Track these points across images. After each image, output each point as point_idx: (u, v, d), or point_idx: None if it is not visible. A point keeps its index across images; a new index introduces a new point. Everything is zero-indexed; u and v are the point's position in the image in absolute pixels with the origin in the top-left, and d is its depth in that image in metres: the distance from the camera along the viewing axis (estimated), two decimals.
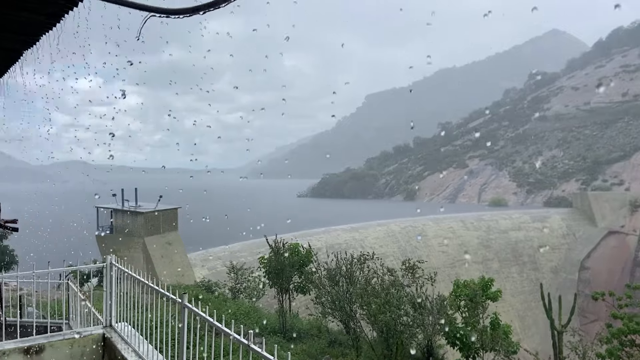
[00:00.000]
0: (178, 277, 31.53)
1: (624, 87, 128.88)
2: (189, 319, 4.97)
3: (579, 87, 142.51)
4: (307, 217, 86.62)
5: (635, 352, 19.30)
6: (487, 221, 70.22)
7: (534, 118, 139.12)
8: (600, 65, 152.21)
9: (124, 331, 6.43)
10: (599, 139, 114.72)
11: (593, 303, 41.31)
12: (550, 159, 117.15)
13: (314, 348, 16.82)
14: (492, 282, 20.46)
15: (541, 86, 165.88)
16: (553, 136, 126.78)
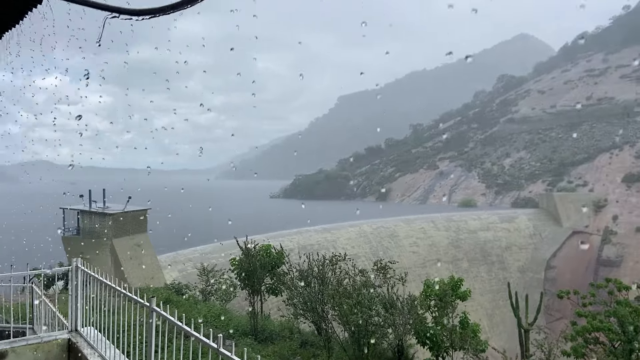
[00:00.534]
0: (147, 279, 30.97)
1: (588, 91, 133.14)
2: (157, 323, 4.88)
3: (545, 90, 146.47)
4: (279, 218, 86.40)
5: (599, 350, 19.92)
6: (457, 222, 71.41)
7: (502, 120, 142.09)
8: (565, 69, 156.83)
9: (90, 336, 6.28)
10: (564, 142, 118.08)
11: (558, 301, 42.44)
12: (517, 161, 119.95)
13: (285, 349, 16.79)
14: (462, 281, 20.81)
15: (509, 89, 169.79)
16: (520, 138, 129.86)
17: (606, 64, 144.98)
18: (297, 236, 51.45)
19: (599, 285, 22.69)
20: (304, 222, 60.44)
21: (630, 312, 20.06)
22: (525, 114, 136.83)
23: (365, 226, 61.08)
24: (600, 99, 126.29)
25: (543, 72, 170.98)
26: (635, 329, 19.61)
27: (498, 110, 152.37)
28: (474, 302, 56.51)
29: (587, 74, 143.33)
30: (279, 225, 59.20)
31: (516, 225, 76.99)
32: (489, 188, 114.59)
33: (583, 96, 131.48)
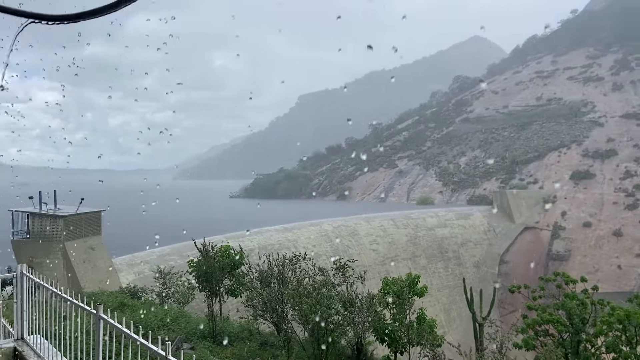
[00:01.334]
0: (102, 283, 30.07)
1: (538, 91, 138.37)
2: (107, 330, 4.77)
3: (498, 91, 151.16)
4: (239, 218, 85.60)
5: (548, 341, 20.75)
6: (415, 219, 72.74)
7: (458, 120, 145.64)
8: (517, 70, 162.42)
9: (37, 344, 6.06)
10: (516, 140, 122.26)
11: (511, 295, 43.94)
12: (472, 159, 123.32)
13: (244, 351, 16.69)
14: (419, 278, 21.25)
15: (464, 90, 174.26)
16: (475, 137, 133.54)
17: (555, 66, 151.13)
18: (257, 236, 51.13)
19: (548, 279, 23.65)
20: (264, 222, 60.13)
21: (577, 304, 20.99)
22: (480, 114, 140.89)
23: (326, 225, 61.32)
24: (550, 99, 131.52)
25: (496, 73, 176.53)
26: (582, 320, 20.55)
27: (454, 110, 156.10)
28: (431, 298, 57.75)
29: (537, 75, 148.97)
30: (239, 225, 58.64)
31: (471, 222, 79.14)
32: (446, 186, 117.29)
33: (533, 97, 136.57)
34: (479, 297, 25.61)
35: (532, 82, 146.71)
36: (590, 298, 21.31)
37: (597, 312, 21.16)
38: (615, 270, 71.15)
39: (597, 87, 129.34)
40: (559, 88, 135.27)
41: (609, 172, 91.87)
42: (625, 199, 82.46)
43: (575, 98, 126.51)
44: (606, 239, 76.34)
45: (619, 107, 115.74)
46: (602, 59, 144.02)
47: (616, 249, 74.22)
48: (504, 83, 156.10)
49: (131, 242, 45.62)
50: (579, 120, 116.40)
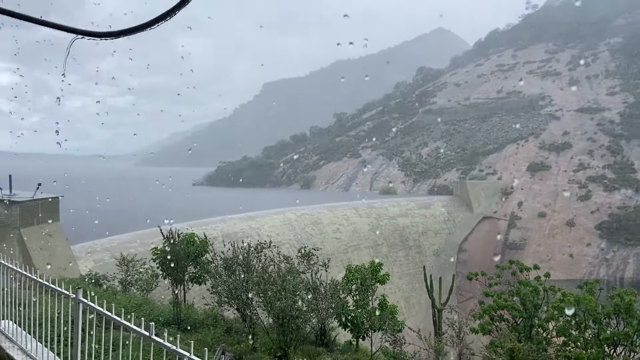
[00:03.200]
0: (60, 271, 29.36)
1: (498, 84, 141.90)
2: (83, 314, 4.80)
3: (460, 83, 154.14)
4: (203, 206, 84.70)
5: (503, 326, 21.72)
6: (378, 208, 73.88)
7: (421, 111, 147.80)
8: (479, 63, 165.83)
9: (9, 329, 6.01)
10: (476, 132, 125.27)
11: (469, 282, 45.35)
12: (434, 150, 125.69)
13: (209, 337, 16.78)
14: (381, 266, 21.79)
15: (428, 81, 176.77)
16: (437, 129, 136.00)
17: (515, 60, 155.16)
18: (221, 224, 50.85)
19: (504, 267, 24.68)
20: (228, 210, 59.77)
21: (530, 291, 22.01)
22: (442, 106, 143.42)
23: (289, 213, 61.54)
24: (510, 92, 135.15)
25: (458, 65, 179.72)
26: (534, 306, 21.57)
27: (417, 101, 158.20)
28: (392, 285, 59.03)
29: (498, 69, 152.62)
30: (203, 213, 58.09)
31: (432, 211, 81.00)
32: (408, 176, 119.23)
33: (494, 89, 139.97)
34: (438, 284, 26.45)
35: (493, 75, 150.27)
36: (542, 285, 22.36)
37: (549, 298, 22.26)
38: (568, 258, 74.41)
39: (555, 81, 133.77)
40: (518, 81, 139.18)
41: (563, 164, 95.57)
42: (578, 191, 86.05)
43: (533, 92, 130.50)
44: (559, 229, 79.59)
45: (574, 101, 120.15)
46: (560, 54, 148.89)
47: (568, 239, 77.51)
48: (466, 75, 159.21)
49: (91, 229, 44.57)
50: (537, 114, 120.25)
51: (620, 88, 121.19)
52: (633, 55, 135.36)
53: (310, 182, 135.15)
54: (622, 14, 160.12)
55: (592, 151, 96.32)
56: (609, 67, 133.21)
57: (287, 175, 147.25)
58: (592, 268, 71.39)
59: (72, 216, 40.57)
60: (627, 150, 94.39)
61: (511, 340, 17.73)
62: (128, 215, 58.78)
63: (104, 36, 2.69)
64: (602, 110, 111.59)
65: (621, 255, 71.34)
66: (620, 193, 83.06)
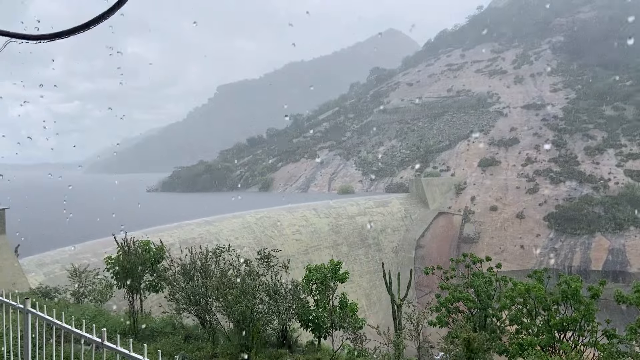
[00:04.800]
0: (9, 285, 28.06)
1: (448, 83, 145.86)
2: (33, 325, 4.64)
3: (412, 83, 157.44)
4: (158, 213, 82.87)
5: (459, 317, 22.40)
6: (337, 208, 74.39)
7: (375, 111, 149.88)
8: (429, 63, 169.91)
9: None
10: (429, 130, 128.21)
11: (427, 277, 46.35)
12: (390, 149, 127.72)
13: (168, 345, 16.49)
14: (341, 264, 22.01)
15: (381, 81, 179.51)
16: (392, 128, 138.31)
17: (463, 59, 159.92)
18: (178, 230, 49.92)
19: (458, 260, 25.45)
20: (186, 216, 58.72)
21: (484, 282, 22.82)
22: (396, 105, 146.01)
23: (248, 217, 61.09)
24: (459, 91, 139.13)
25: (410, 65, 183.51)
26: (488, 296, 22.37)
27: (372, 101, 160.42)
28: (353, 284, 59.62)
29: (447, 68, 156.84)
30: (158, 219, 56.84)
31: (389, 209, 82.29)
32: (365, 175, 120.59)
33: (444, 88, 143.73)
34: (397, 280, 26.97)
35: (443, 74, 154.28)
36: (495, 275, 23.20)
37: (501, 288, 23.13)
38: (519, 250, 77.27)
39: (502, 79, 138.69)
40: (467, 80, 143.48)
41: (512, 159, 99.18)
42: (526, 184, 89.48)
43: (482, 90, 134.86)
44: (510, 222, 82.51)
45: (520, 98, 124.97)
46: (505, 53, 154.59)
47: (519, 231, 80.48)
48: (417, 75, 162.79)
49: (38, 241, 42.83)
50: (486, 111, 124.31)
51: (563, 85, 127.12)
52: (573, 53, 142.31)
53: (268, 185, 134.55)
54: (562, 13, 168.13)
55: (538, 146, 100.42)
56: (551, 65, 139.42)
57: (244, 179, 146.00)
58: (542, 258, 74.40)
59: (20, 228, 38.86)
60: (570, 144, 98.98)
61: (467, 330, 18.30)
62: (79, 225, 56.77)
63: (39, 39, 2.63)
64: (546, 106, 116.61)
65: (568, 244, 74.70)
66: (565, 185, 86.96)
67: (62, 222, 58.74)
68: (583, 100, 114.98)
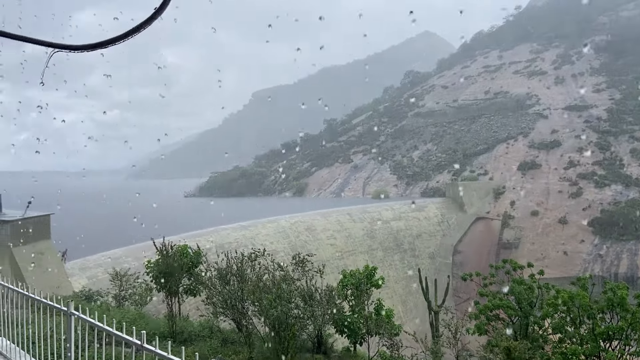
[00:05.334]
0: (53, 289, 29.09)
1: (486, 85, 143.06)
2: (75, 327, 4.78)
3: (448, 85, 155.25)
4: (195, 217, 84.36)
5: (499, 325, 21.81)
6: (371, 213, 73.89)
7: (410, 114, 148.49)
8: (465, 65, 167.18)
9: (3, 346, 6.00)
10: (466, 133, 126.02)
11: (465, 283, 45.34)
12: (425, 153, 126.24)
13: (205, 349, 16.69)
14: (376, 270, 21.83)
15: (416, 85, 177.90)
16: (427, 131, 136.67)
17: (501, 61, 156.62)
18: (214, 235, 50.63)
19: (498, 266, 24.82)
20: (221, 221, 59.51)
21: (525, 289, 22.13)
22: (431, 108, 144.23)
23: (283, 221, 61.39)
24: (497, 93, 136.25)
25: (445, 68, 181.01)
26: (529, 304, 21.68)
27: (406, 105, 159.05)
28: (388, 290, 59.02)
29: (484, 70, 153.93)
30: (195, 225, 57.82)
31: (425, 214, 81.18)
32: (400, 179, 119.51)
33: (481, 90, 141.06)
34: (434, 286, 26.53)
35: (480, 76, 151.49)
36: (536, 282, 22.46)
37: (543, 296, 22.37)
38: (562, 256, 74.82)
39: (541, 80, 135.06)
40: (505, 82, 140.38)
41: (553, 162, 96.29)
42: (569, 188, 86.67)
43: (520, 91, 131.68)
44: (552, 227, 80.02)
45: (561, 99, 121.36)
46: (545, 54, 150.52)
47: (562, 236, 77.94)
48: (453, 78, 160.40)
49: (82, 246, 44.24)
50: (525, 113, 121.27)
51: (606, 85, 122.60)
52: (617, 52, 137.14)
53: (302, 190, 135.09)
54: (605, 11, 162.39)
55: (581, 148, 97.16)
56: (593, 65, 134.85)
57: (279, 184, 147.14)
58: (587, 265, 71.82)
59: (64, 233, 40.27)
60: (615, 146, 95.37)
61: (507, 339, 17.81)
62: (120, 229, 58.40)
63: (81, 49, 2.73)
64: (589, 108, 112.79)
65: (614, 250, 71.84)
66: (610, 189, 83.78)
67: (104, 227, 60.59)
68: (628, 101, 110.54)
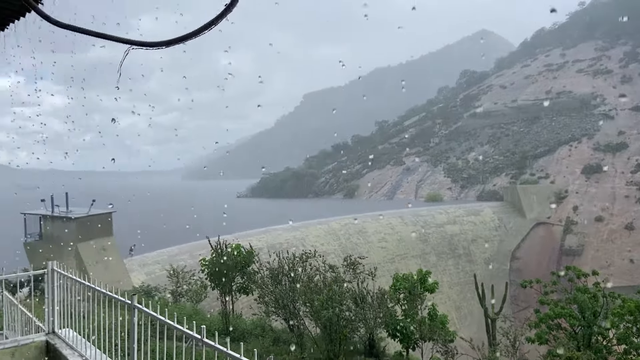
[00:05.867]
0: (114, 283, 30.34)
1: (547, 85, 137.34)
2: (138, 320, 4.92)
3: (506, 85, 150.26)
4: (247, 218, 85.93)
5: (561, 335, 20.80)
6: (424, 216, 72.64)
7: (466, 115, 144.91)
8: (525, 64, 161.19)
9: (69, 337, 6.29)
10: (525, 135, 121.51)
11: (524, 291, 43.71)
12: (481, 155, 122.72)
13: (258, 347, 16.84)
14: (429, 274, 21.34)
15: (472, 85, 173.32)
16: (484, 133, 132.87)
17: (564, 59, 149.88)
18: (266, 235, 51.37)
19: (559, 273, 23.67)
20: (273, 221, 60.33)
21: (589, 298, 20.99)
22: (488, 109, 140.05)
23: (333, 223, 61.45)
24: (559, 92, 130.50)
25: (504, 67, 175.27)
26: (593, 313, 20.55)
27: (461, 106, 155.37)
28: (442, 295, 57.71)
29: (546, 69, 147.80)
30: (247, 225, 58.90)
31: (482, 218, 78.90)
32: (455, 182, 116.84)
33: (543, 90, 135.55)
34: (490, 293, 25.66)
35: (541, 75, 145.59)
36: (601, 291, 21.30)
37: (608, 305, 21.16)
38: (628, 264, 70.69)
39: (607, 79, 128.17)
40: (568, 81, 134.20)
41: (620, 165, 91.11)
42: (636, 192, 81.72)
43: (585, 91, 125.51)
44: (618, 233, 75.79)
45: (628, 99, 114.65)
46: (611, 51, 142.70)
47: (628, 243, 73.67)
48: (512, 77, 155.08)
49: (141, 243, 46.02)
50: (589, 114, 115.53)
51: None
52: None
53: (353, 191, 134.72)
54: None
55: None
56: None
57: (329, 185, 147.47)
58: None
59: (125, 230, 42.07)
60: None
61: (570, 349, 16.92)
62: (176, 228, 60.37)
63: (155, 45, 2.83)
64: None
65: None
66: None
67: (161, 225, 62.80)
68: None
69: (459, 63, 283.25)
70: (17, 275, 7.61)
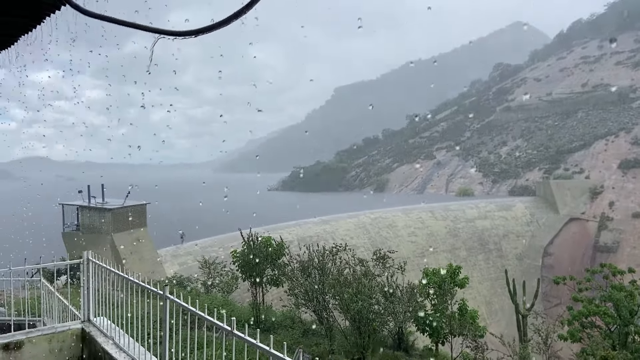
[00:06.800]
0: (148, 273, 31.15)
1: (584, 78, 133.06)
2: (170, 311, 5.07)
3: (541, 78, 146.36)
4: (278, 211, 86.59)
5: (595, 333, 20.28)
6: (455, 211, 71.73)
7: (498, 109, 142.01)
8: (561, 56, 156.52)
9: (103, 325, 6.54)
10: (560, 129, 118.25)
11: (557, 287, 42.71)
12: (514, 149, 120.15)
13: (287, 338, 17.05)
14: (460, 269, 21.11)
15: (505, 78, 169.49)
16: (517, 126, 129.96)
17: (601, 51, 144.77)
18: (296, 228, 51.71)
19: (594, 270, 23.05)
20: (303, 214, 60.64)
21: (625, 295, 20.39)
22: (522, 102, 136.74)
23: (363, 217, 61.35)
24: (596, 85, 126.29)
25: (539, 60, 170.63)
26: (630, 312, 19.96)
27: (494, 99, 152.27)
28: (472, 290, 56.99)
29: (582, 61, 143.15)
30: (278, 218, 59.39)
31: (513, 213, 77.40)
32: (486, 177, 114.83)
33: (579, 83, 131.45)
34: (522, 289, 25.22)
35: (577, 68, 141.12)
36: (638, 289, 20.68)
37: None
38: None
39: None
40: (606, 74, 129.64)
41: None
42: None
43: (623, 83, 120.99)
44: None
45: None
46: None
47: None
48: (547, 70, 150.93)
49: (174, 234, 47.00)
50: (628, 107, 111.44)
51: None
52: None
53: (383, 185, 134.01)
54: None
55: None
56: None
57: (360, 179, 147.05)
58: None
59: (158, 222, 43.01)
60: None
61: (604, 348, 16.49)
62: (208, 220, 61.37)
63: (185, 35, 2.88)
64: None
65: None
66: None
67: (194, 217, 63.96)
68: None
69: (492, 56, 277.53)
70: (54, 265, 7.96)
